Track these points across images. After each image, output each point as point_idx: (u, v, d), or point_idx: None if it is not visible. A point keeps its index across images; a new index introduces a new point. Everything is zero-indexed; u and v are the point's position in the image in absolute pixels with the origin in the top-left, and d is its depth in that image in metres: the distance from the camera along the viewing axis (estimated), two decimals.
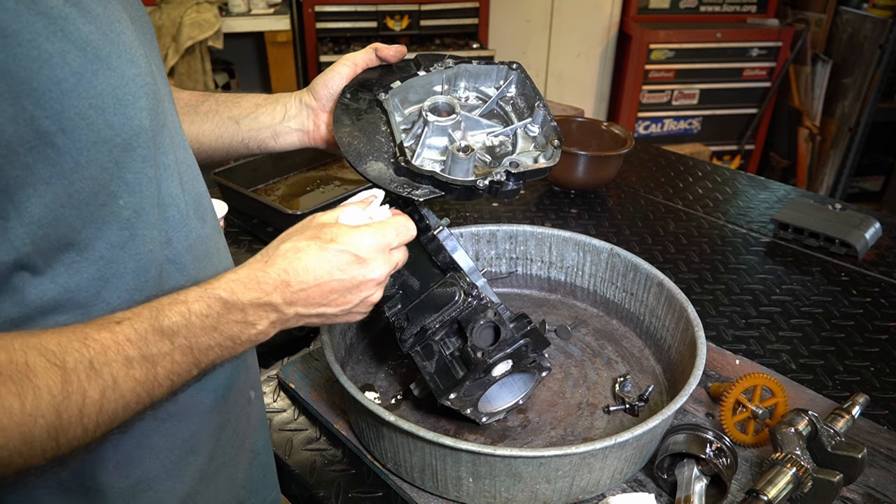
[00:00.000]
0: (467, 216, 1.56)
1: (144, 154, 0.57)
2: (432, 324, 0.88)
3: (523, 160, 0.86)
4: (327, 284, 0.64)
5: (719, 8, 3.66)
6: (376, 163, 0.84)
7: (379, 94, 0.88)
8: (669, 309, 1.04)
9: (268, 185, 1.66)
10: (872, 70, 3.32)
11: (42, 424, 0.46)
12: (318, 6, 3.17)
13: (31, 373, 0.45)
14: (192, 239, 0.65)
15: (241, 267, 0.62)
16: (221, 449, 0.73)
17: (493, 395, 0.93)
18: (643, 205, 1.66)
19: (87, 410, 0.48)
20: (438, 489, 0.84)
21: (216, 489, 0.73)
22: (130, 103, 0.54)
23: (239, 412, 0.75)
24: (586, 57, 3.82)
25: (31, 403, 0.45)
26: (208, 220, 0.69)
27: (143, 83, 0.56)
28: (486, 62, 0.94)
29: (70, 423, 0.48)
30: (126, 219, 0.56)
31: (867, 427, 0.96)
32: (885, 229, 1.52)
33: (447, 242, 0.91)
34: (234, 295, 0.59)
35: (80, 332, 0.50)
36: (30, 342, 0.47)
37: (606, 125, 1.74)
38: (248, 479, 0.80)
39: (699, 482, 0.84)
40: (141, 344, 0.52)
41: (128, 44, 0.55)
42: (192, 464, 0.68)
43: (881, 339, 1.20)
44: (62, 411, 0.47)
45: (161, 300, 0.56)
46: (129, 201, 0.56)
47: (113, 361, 0.50)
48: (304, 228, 0.67)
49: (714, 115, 3.73)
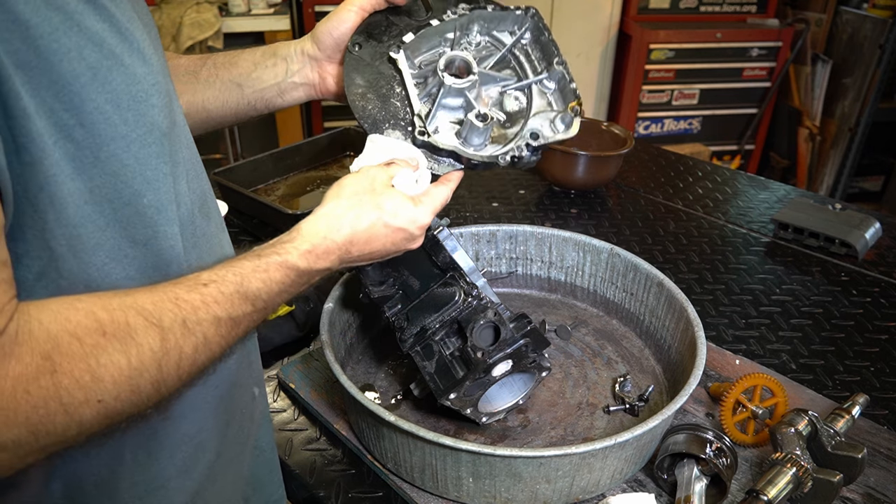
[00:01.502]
0: (467, 216, 1.56)
1: (160, 150, 0.57)
2: (432, 324, 0.88)
3: (542, 129, 0.84)
4: (380, 251, 0.75)
5: (719, 8, 3.66)
6: (394, 132, 0.82)
7: (391, 50, 0.84)
8: (669, 309, 1.04)
9: (268, 185, 1.66)
10: (872, 70, 3.32)
11: (147, 378, 0.51)
12: (318, 6, 3.16)
13: (132, 331, 0.50)
14: (198, 236, 0.65)
15: (312, 235, 0.68)
16: (227, 446, 0.73)
17: (493, 395, 0.93)
18: (643, 205, 1.66)
19: (183, 364, 0.53)
20: (438, 489, 0.84)
21: (223, 486, 0.73)
22: (143, 100, 0.55)
23: (243, 409, 0.76)
24: (586, 57, 3.81)
25: (136, 359, 0.50)
26: (213, 218, 0.70)
27: (155, 81, 0.56)
28: (502, 8, 0.89)
29: (169, 375, 0.52)
30: (150, 217, 0.57)
31: (867, 427, 0.96)
32: (885, 229, 1.52)
33: (447, 242, 0.91)
34: (310, 265, 0.67)
35: (170, 293, 0.54)
36: (126, 302, 0.51)
37: (606, 125, 1.74)
38: (253, 476, 0.80)
39: (699, 482, 0.84)
40: (228, 306, 0.57)
41: (140, 42, 0.55)
42: (200, 460, 0.69)
43: (881, 339, 1.20)
44: (163, 365, 0.52)
45: (242, 265, 0.61)
46: (152, 200, 0.57)
47: (204, 321, 0.55)
48: (363, 193, 0.73)
49: (714, 115, 3.73)
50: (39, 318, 0.47)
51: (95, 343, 0.48)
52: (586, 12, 3.70)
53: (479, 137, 0.82)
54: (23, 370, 0.45)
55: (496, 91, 0.88)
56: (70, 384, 0.46)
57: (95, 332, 0.48)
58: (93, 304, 0.49)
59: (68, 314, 0.48)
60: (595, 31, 3.75)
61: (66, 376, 0.46)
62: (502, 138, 0.84)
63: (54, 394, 0.46)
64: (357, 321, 1.08)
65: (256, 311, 0.61)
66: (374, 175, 0.75)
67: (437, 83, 0.84)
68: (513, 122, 0.86)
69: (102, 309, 0.49)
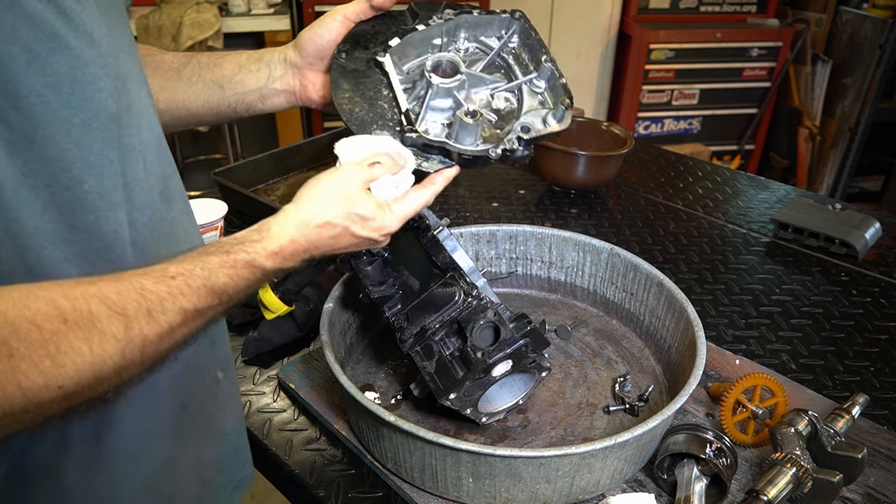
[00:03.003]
0: (467, 216, 1.56)
1: (106, 135, 0.56)
2: (432, 324, 0.88)
3: (533, 123, 0.83)
4: (342, 251, 0.76)
5: (719, 8, 3.66)
6: (381, 132, 0.82)
7: (378, 54, 0.84)
8: (669, 309, 1.04)
9: (268, 185, 1.66)
10: (872, 70, 3.32)
11: (110, 364, 0.51)
12: (318, 6, 3.16)
13: (95, 319, 0.50)
14: (156, 221, 0.65)
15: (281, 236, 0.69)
16: (185, 430, 0.73)
17: (493, 395, 0.93)
18: (643, 205, 1.66)
19: (147, 351, 0.54)
20: (438, 489, 0.84)
21: (180, 469, 0.73)
22: (90, 83, 0.54)
23: (204, 392, 0.75)
24: (586, 57, 3.82)
25: (99, 346, 0.50)
26: (175, 203, 0.69)
27: (105, 64, 0.55)
28: (487, 12, 0.89)
29: (132, 362, 0.53)
30: (91, 202, 0.56)
31: (867, 427, 0.96)
32: (885, 229, 1.52)
33: (447, 242, 0.91)
34: (276, 266, 0.68)
35: (136, 283, 0.54)
36: (90, 291, 0.51)
37: (606, 125, 1.74)
38: (215, 459, 0.80)
39: (699, 482, 0.84)
40: (194, 298, 0.58)
41: (89, 23, 0.54)
42: (154, 445, 0.69)
43: (881, 339, 1.20)
44: (126, 353, 0.52)
45: (210, 260, 0.61)
46: (94, 185, 0.56)
47: (169, 311, 0.55)
48: (338, 199, 0.73)
49: (714, 115, 3.73)
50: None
51: (56, 330, 0.48)
52: (586, 12, 3.70)
53: (470, 136, 0.81)
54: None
55: (486, 94, 0.87)
56: (28, 368, 0.47)
57: (55, 319, 0.48)
58: (53, 292, 0.49)
59: (27, 301, 0.48)
60: (595, 31, 3.75)
61: (24, 361, 0.47)
62: (494, 138, 0.83)
63: (12, 377, 0.46)
64: (357, 321, 1.08)
65: (221, 304, 0.62)
66: (350, 178, 0.74)
67: (424, 85, 0.84)
68: (505, 123, 0.85)
69: (63, 297, 0.49)
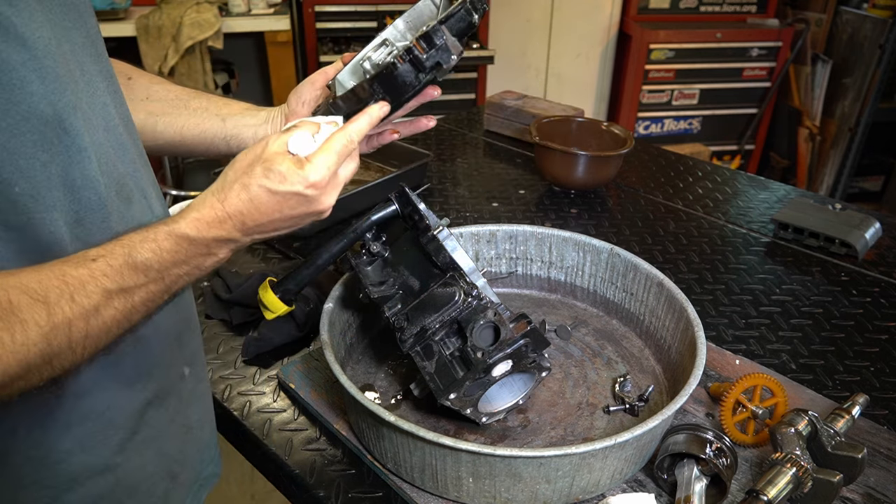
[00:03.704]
0: (467, 216, 1.56)
1: (38, 139, 0.56)
2: (432, 324, 0.88)
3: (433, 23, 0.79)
4: (280, 220, 0.71)
5: (719, 8, 3.66)
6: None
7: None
8: (669, 309, 1.04)
9: None
10: (872, 70, 3.32)
11: (35, 352, 0.51)
12: (318, 6, 3.17)
13: (15, 309, 0.50)
14: (114, 220, 0.65)
15: (201, 204, 0.67)
16: (147, 423, 0.73)
17: (493, 395, 0.93)
18: (643, 205, 1.66)
19: (75, 337, 0.54)
20: (438, 489, 0.84)
21: (142, 461, 0.73)
22: (18, 87, 0.53)
23: (169, 388, 0.76)
24: (586, 57, 3.82)
25: (21, 335, 0.50)
26: (135, 202, 0.69)
27: (38, 67, 0.55)
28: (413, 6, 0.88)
29: (60, 348, 0.53)
30: (23, 204, 0.56)
31: (867, 427, 0.96)
32: (885, 229, 1.52)
33: (447, 242, 0.91)
34: (200, 233, 0.65)
35: (57, 270, 0.54)
36: (9, 282, 0.51)
37: (606, 125, 1.74)
38: (180, 453, 0.80)
39: (699, 482, 0.84)
40: (117, 277, 0.57)
41: (21, 26, 0.53)
42: (110, 437, 0.69)
43: (881, 339, 1.20)
44: (51, 339, 0.52)
45: (131, 237, 0.60)
46: (26, 188, 0.56)
47: (93, 293, 0.55)
48: (255, 162, 0.69)
49: (714, 115, 3.73)
50: None
51: None
52: (586, 12, 3.70)
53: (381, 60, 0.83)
54: None
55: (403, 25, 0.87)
56: None
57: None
58: None
59: None
60: (595, 31, 3.75)
61: None
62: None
63: None
64: (357, 321, 1.08)
65: (151, 282, 0.61)
66: (266, 142, 0.71)
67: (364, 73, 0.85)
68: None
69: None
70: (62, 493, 0.66)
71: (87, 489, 0.68)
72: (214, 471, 0.90)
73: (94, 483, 0.69)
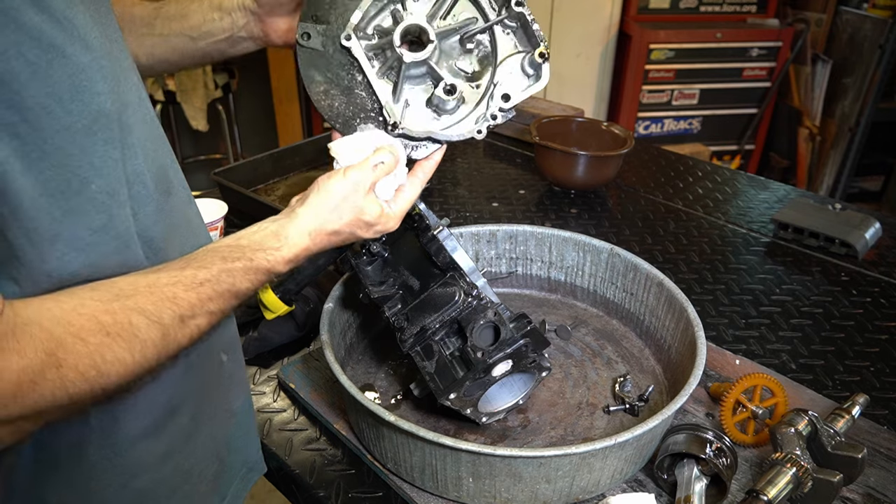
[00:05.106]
0: (467, 216, 1.56)
1: (107, 136, 0.57)
2: (432, 324, 0.88)
3: (512, 88, 0.81)
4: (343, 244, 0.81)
5: (719, 8, 3.66)
6: (367, 125, 0.82)
7: (342, 39, 0.81)
8: (669, 309, 1.04)
9: (268, 185, 1.66)
10: (872, 70, 3.31)
11: (147, 367, 0.58)
12: None
13: (136, 330, 0.56)
14: (160, 213, 0.66)
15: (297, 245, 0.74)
16: (201, 409, 0.75)
17: (493, 395, 0.93)
18: (643, 205, 1.66)
19: (174, 350, 0.61)
20: (438, 489, 0.84)
21: (195, 446, 0.76)
22: (88, 89, 0.54)
23: (212, 374, 0.78)
24: (586, 57, 3.81)
25: (140, 354, 0.56)
26: (174, 193, 0.70)
27: (100, 67, 0.56)
28: None
29: (166, 361, 0.61)
30: (102, 202, 0.58)
31: (867, 427, 0.96)
32: (885, 229, 1.52)
33: (447, 242, 0.91)
34: (288, 267, 0.74)
35: (169, 292, 0.60)
36: (128, 304, 0.56)
37: (606, 125, 1.74)
38: (228, 438, 0.82)
39: (699, 482, 0.84)
40: (221, 302, 0.65)
41: (82, 28, 0.54)
42: (173, 423, 0.71)
43: (881, 339, 1.20)
44: (162, 355, 0.59)
45: (235, 267, 0.67)
46: (102, 185, 0.57)
47: (199, 315, 0.62)
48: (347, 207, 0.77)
49: (714, 115, 3.73)
50: (39, 320, 0.50)
51: (100, 342, 0.53)
52: (586, 12, 3.70)
53: (451, 109, 0.82)
54: (27, 364, 0.48)
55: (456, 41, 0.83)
56: (76, 378, 0.51)
57: (99, 332, 0.53)
58: (95, 308, 0.54)
59: (70, 318, 0.52)
60: (595, 31, 3.75)
61: (72, 371, 0.51)
62: (474, 96, 0.83)
63: (60, 385, 0.50)
64: (357, 321, 1.08)
65: (240, 303, 0.70)
66: (357, 184, 0.77)
67: (395, 58, 0.81)
68: (482, 70, 0.83)
69: (104, 313, 0.54)
70: (129, 479, 0.68)
71: (151, 475, 0.70)
72: (258, 458, 0.91)
73: (157, 469, 0.71)
